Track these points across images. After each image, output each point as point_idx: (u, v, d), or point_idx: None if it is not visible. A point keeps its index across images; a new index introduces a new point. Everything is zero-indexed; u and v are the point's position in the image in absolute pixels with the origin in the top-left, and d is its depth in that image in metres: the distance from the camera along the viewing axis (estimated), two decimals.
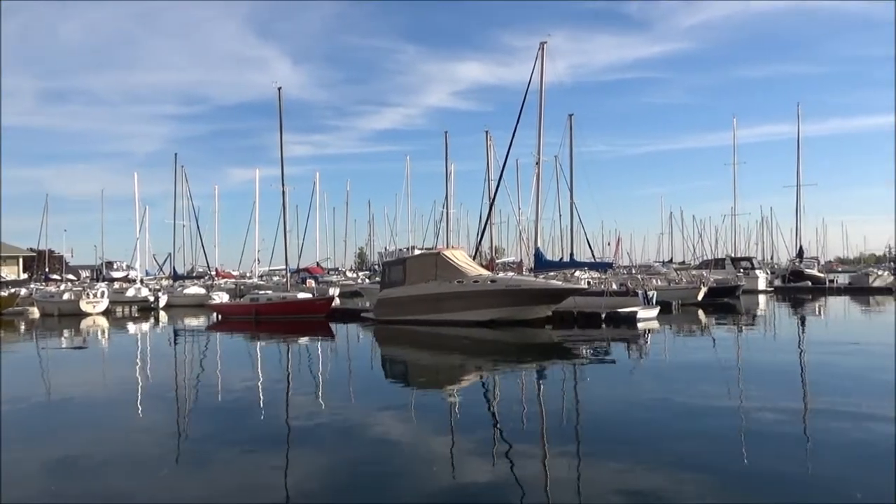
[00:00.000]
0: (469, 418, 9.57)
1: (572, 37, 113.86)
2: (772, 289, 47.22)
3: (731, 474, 6.54)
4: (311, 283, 42.88)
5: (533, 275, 28.80)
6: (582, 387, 12.48)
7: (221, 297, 37.34)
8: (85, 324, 29.32)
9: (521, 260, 40.95)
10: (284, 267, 35.98)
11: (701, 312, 29.06)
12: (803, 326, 25.35)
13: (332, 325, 26.39)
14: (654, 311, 25.30)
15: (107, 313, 34.88)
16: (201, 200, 65.09)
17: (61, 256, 62.87)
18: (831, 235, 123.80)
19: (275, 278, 48.28)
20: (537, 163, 30.82)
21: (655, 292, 27.41)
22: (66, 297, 35.65)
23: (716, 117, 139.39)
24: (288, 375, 14.67)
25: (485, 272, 26.24)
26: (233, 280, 49.19)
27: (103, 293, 36.64)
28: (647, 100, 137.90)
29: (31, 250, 62.97)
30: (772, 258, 71.89)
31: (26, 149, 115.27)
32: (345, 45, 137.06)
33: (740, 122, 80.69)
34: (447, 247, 35.58)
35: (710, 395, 10.78)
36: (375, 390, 12.59)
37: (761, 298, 40.60)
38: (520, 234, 42.86)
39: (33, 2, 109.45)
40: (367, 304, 30.31)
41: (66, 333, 25.54)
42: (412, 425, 9.29)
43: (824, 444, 7.60)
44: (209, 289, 42.86)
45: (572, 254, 36.40)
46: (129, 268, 56.39)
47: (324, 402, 11.12)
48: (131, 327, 28.73)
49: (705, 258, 55.03)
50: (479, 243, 36.42)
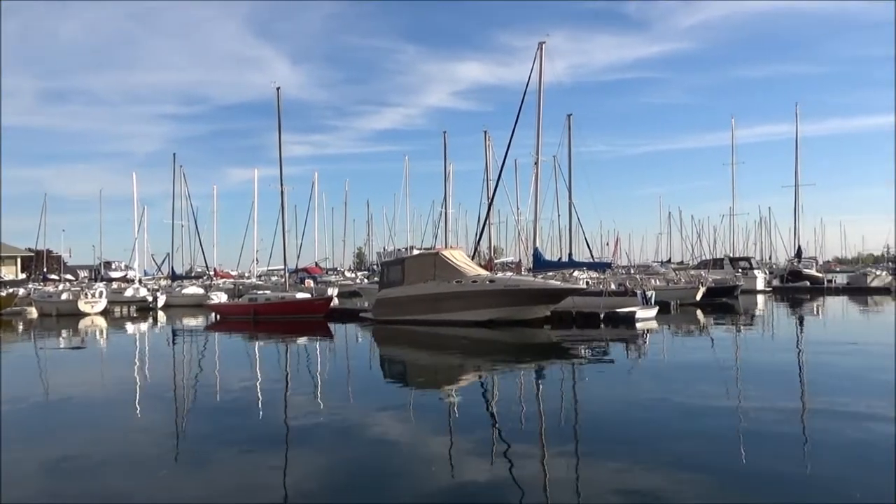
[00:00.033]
0: (468, 418, 9.57)
1: (571, 37, 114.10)
2: (770, 289, 47.27)
3: (730, 474, 6.54)
4: (309, 283, 42.87)
5: (531, 275, 28.82)
6: (580, 387, 12.49)
7: (220, 297, 37.33)
8: (83, 324, 29.28)
9: (520, 260, 41.02)
10: (283, 267, 35.99)
11: (699, 312, 29.08)
12: (801, 326, 25.38)
13: (330, 326, 26.37)
14: (653, 311, 25.33)
15: (105, 313, 34.84)
16: (200, 200, 65.36)
17: (59, 256, 62.87)
18: (829, 235, 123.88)
19: (273, 278, 48.26)
20: (536, 163, 30.88)
21: (654, 292, 27.45)
22: (64, 297, 35.63)
23: (714, 117, 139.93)
24: (286, 375, 14.66)
25: (483, 272, 26.24)
26: (231, 280, 49.17)
27: (101, 293, 36.61)
28: (646, 100, 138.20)
29: (30, 250, 62.90)
30: (770, 258, 71.97)
31: (25, 148, 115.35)
32: (344, 44, 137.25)
33: (739, 122, 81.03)
34: (446, 247, 35.62)
35: (708, 395, 10.79)
36: (374, 390, 12.58)
37: (760, 298, 40.64)
38: (518, 234, 42.94)
39: (33, 1, 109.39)
40: (366, 304, 30.31)
41: (64, 333, 25.50)
42: (411, 425, 9.28)
43: (823, 444, 7.61)
44: (208, 289, 42.85)
45: (571, 254, 36.34)
46: (127, 268, 56.39)
47: (322, 402, 11.12)
48: (129, 327, 28.70)
49: (704, 258, 55.10)
50: (477, 243, 36.42)
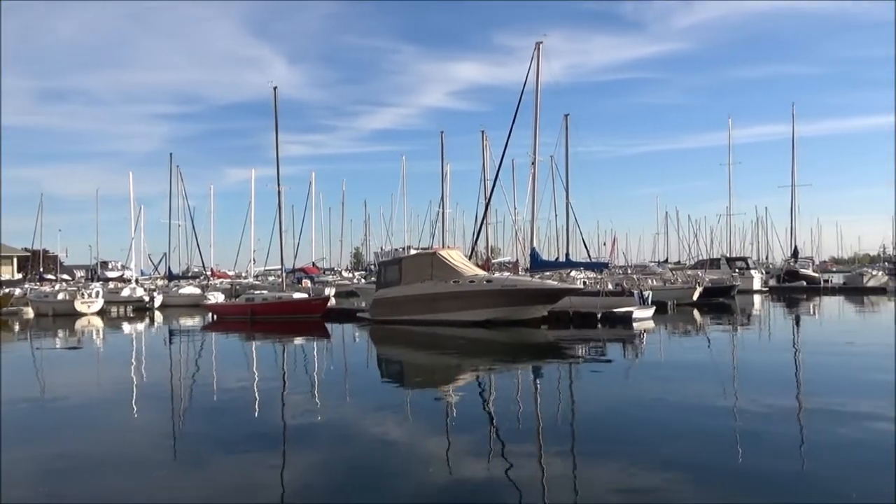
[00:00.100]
0: (465, 418, 9.58)
1: (568, 37, 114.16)
2: (767, 289, 47.35)
3: (727, 474, 6.56)
4: (306, 283, 42.88)
5: (529, 275, 28.85)
6: (577, 387, 12.51)
7: (217, 297, 37.26)
8: (79, 324, 29.20)
9: (517, 260, 41.08)
10: (280, 267, 35.97)
11: (696, 312, 29.12)
12: (798, 326, 25.43)
13: (327, 325, 26.35)
14: (650, 311, 25.36)
15: (101, 313, 34.75)
16: (197, 200, 65.27)
17: (56, 256, 62.83)
18: (826, 235, 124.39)
19: (270, 278, 48.20)
20: (533, 163, 30.91)
21: (651, 292, 27.50)
22: (60, 297, 35.54)
23: (711, 118, 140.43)
24: (283, 375, 14.66)
25: (481, 272, 26.25)
26: (228, 280, 49.03)
27: (98, 293, 36.51)
28: (643, 100, 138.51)
29: (26, 250, 62.79)
30: (767, 258, 72.17)
31: (21, 148, 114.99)
32: (341, 44, 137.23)
33: (735, 122, 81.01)
34: (443, 247, 35.63)
35: (705, 395, 10.81)
36: (371, 390, 12.58)
37: (756, 298, 40.72)
38: (515, 234, 43.02)
39: (30, 1, 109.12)
40: (363, 304, 30.29)
41: (60, 334, 25.44)
42: (408, 425, 9.28)
43: (819, 444, 7.63)
44: (204, 289, 42.73)
45: (568, 254, 36.40)
46: (124, 268, 56.27)
47: (319, 402, 11.12)
48: (126, 327, 28.63)
49: (700, 258, 55.14)
50: (475, 243, 36.42)
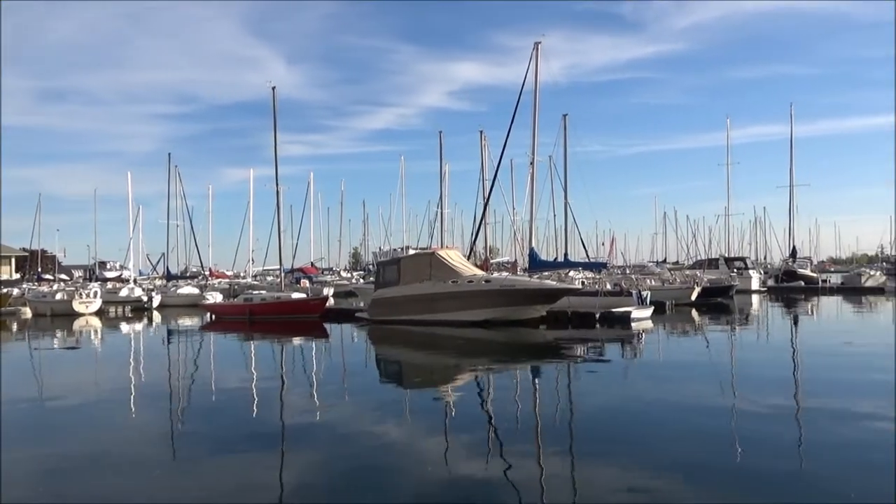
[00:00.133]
0: (463, 418, 9.58)
1: (567, 37, 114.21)
2: (765, 289, 47.41)
3: (725, 473, 6.56)
4: (305, 283, 42.84)
5: (527, 275, 28.86)
6: (576, 387, 12.52)
7: (215, 297, 37.23)
8: (78, 324, 29.17)
9: (516, 260, 41.10)
10: (278, 267, 35.95)
11: (694, 312, 29.15)
12: (796, 326, 25.46)
13: (326, 325, 26.34)
14: (648, 311, 25.39)
15: (100, 313, 34.72)
16: (195, 200, 65.08)
17: (54, 256, 62.76)
18: (824, 235, 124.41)
19: (269, 278, 48.22)
20: (532, 163, 30.93)
21: (649, 292, 27.53)
22: (58, 297, 35.50)
23: (709, 118, 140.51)
24: (282, 375, 14.65)
25: (479, 272, 26.26)
26: (227, 280, 48.98)
27: (96, 293, 36.47)
28: (642, 100, 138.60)
29: (24, 250, 62.69)
30: (765, 258, 72.33)
31: (20, 148, 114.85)
32: (340, 44, 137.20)
33: (734, 122, 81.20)
34: (442, 247, 35.61)
35: (703, 395, 10.82)
36: (369, 390, 12.56)
37: (754, 298, 40.77)
38: (514, 234, 43.06)
39: (30, 1, 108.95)
40: (362, 304, 30.28)
41: (58, 334, 25.41)
42: (406, 425, 9.28)
43: (818, 444, 7.63)
44: (203, 289, 42.73)
45: (566, 254, 36.38)
46: (122, 268, 56.27)
47: (318, 402, 11.11)
48: (124, 327, 28.59)
49: (699, 258, 55.20)
50: (473, 243, 36.41)
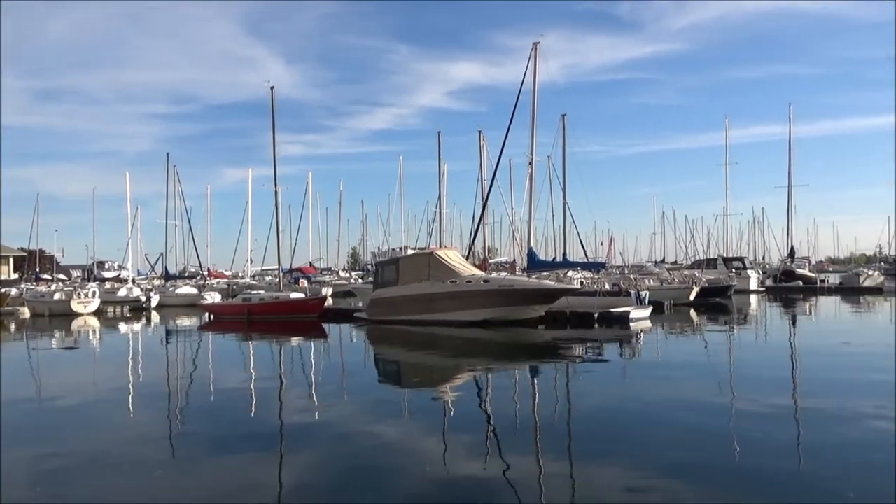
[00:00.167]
0: (462, 418, 9.58)
1: (566, 37, 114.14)
2: (763, 289, 47.45)
3: (724, 473, 6.56)
4: (303, 283, 42.79)
5: (526, 275, 28.87)
6: (574, 386, 12.52)
7: (213, 298, 37.20)
8: (76, 324, 29.14)
9: (514, 260, 41.09)
10: (277, 267, 35.92)
11: (693, 312, 29.18)
12: (794, 326, 25.49)
13: (324, 325, 26.33)
14: (647, 311, 25.40)
15: (98, 313, 34.69)
16: (193, 200, 64.80)
17: (52, 256, 62.65)
18: (822, 236, 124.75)
19: (267, 278, 48.17)
20: (530, 163, 30.94)
21: (648, 292, 27.53)
22: (56, 297, 35.44)
23: (708, 118, 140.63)
24: (281, 375, 14.65)
25: (478, 272, 26.26)
26: (225, 280, 48.97)
27: (94, 293, 36.43)
28: (640, 100, 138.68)
29: (22, 250, 62.61)
30: (763, 258, 72.40)
31: (18, 148, 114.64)
32: (338, 44, 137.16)
33: (732, 122, 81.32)
34: (440, 247, 35.58)
35: (702, 395, 10.82)
36: (368, 390, 12.56)
37: (753, 298, 40.80)
38: (513, 234, 43.07)
39: (28, 1, 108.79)
40: (360, 304, 30.28)
41: (56, 334, 25.38)
42: (405, 425, 9.28)
43: (817, 444, 7.64)
44: (201, 289, 42.69)
45: (565, 254, 36.39)
46: (120, 268, 56.22)
47: (317, 402, 11.11)
48: (122, 327, 28.56)
49: (697, 258, 55.27)
50: (472, 243, 36.46)
